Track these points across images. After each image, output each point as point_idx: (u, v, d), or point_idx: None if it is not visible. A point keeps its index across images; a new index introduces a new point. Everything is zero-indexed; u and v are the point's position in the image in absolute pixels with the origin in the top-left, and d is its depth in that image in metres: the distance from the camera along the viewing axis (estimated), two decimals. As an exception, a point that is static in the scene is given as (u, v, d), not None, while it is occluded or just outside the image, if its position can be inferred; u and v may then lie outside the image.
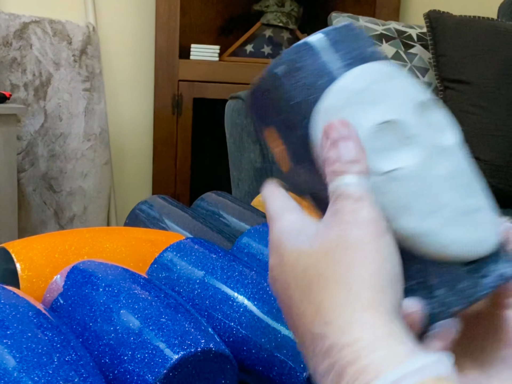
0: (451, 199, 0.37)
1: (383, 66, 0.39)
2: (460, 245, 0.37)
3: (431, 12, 1.72)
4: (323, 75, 0.39)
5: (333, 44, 0.39)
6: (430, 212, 0.37)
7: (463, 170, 0.39)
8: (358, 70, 0.38)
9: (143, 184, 2.43)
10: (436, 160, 0.38)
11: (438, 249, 0.37)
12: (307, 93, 0.39)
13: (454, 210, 0.37)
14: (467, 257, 0.37)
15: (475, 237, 0.37)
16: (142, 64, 2.36)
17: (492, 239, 0.38)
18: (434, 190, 0.37)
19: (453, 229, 0.37)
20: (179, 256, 0.61)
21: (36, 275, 0.60)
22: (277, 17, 2.36)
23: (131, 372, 0.46)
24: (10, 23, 2.03)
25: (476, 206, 0.38)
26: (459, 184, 0.38)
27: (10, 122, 1.72)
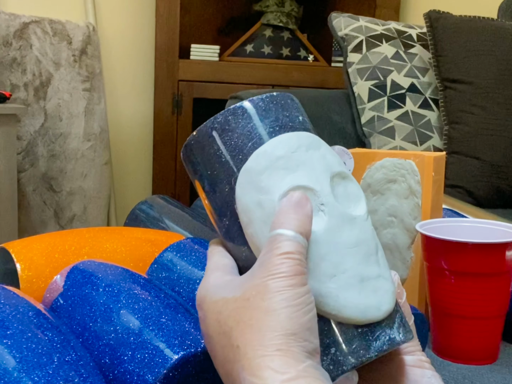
0: (352, 266, 0.40)
1: (306, 136, 0.43)
2: (356, 309, 0.40)
3: (431, 12, 1.72)
4: (251, 139, 0.42)
5: (265, 110, 0.43)
6: (331, 276, 0.40)
7: (366, 240, 0.42)
8: (282, 137, 0.42)
9: (143, 184, 2.43)
10: (343, 228, 0.41)
11: (334, 310, 0.39)
12: (236, 153, 0.42)
13: (354, 276, 0.40)
14: (362, 320, 0.40)
15: (371, 302, 0.40)
16: (142, 64, 2.36)
17: (388, 305, 0.41)
18: (337, 256, 0.40)
19: (350, 293, 0.40)
20: (179, 256, 0.61)
21: (36, 275, 0.60)
22: (277, 17, 2.36)
23: (131, 372, 0.46)
24: (10, 23, 2.03)
25: (375, 274, 0.41)
26: (361, 253, 0.41)
27: (10, 122, 1.72)
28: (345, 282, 0.40)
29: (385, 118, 1.69)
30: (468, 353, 0.65)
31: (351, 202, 0.43)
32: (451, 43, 1.67)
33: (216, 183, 0.43)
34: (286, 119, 0.43)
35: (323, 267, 0.40)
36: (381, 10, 2.32)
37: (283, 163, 0.41)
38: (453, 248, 0.63)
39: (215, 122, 0.43)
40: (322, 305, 0.39)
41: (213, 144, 0.42)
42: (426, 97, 1.72)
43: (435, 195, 0.72)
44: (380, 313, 0.40)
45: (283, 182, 0.40)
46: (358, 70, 1.74)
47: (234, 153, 0.42)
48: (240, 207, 0.41)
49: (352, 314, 0.39)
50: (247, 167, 0.41)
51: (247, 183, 0.41)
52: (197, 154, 0.44)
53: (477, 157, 1.61)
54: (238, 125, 0.42)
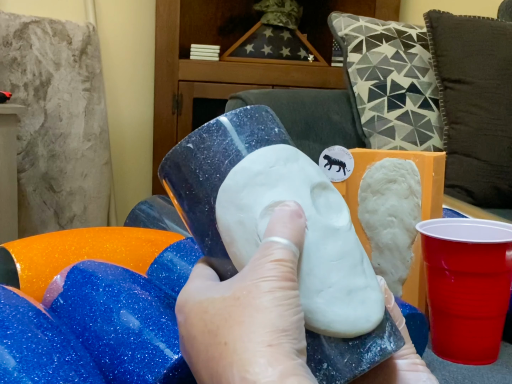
0: (338, 279, 0.40)
1: (283, 149, 0.42)
2: (345, 322, 0.39)
3: (431, 12, 1.72)
4: (228, 156, 0.41)
5: (240, 126, 0.42)
6: (317, 291, 0.39)
7: (351, 251, 0.41)
8: (259, 152, 0.41)
9: (143, 184, 2.43)
10: (327, 241, 0.40)
11: (324, 326, 0.39)
12: (213, 171, 0.41)
13: (340, 290, 0.40)
14: (352, 333, 0.40)
15: (360, 315, 0.40)
16: (142, 64, 2.36)
17: (377, 316, 0.40)
18: (323, 270, 0.40)
19: (338, 307, 0.39)
20: (179, 256, 0.61)
21: (36, 275, 0.60)
22: (277, 17, 2.36)
23: (131, 372, 0.46)
24: (10, 23, 2.03)
25: (362, 285, 0.41)
26: (346, 265, 0.41)
27: (10, 122, 1.72)
28: (333, 296, 0.39)
29: (385, 118, 1.69)
30: (468, 353, 0.65)
31: (333, 213, 0.42)
32: (451, 43, 1.67)
33: (195, 203, 0.42)
34: (261, 132, 0.42)
35: (309, 283, 0.39)
36: (381, 10, 2.32)
37: (262, 178, 0.40)
38: (453, 248, 0.63)
39: (190, 141, 0.42)
40: (311, 321, 0.39)
41: (189, 164, 0.42)
42: (426, 97, 1.72)
43: (435, 195, 0.72)
44: (370, 324, 0.40)
45: (263, 198, 0.40)
46: (358, 70, 1.74)
47: (211, 171, 0.41)
48: (221, 227, 0.41)
49: (342, 328, 0.39)
50: (225, 186, 0.40)
51: (226, 202, 0.40)
52: (173, 174, 0.43)
53: (477, 157, 1.61)
54: (213, 143, 0.41)
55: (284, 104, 1.68)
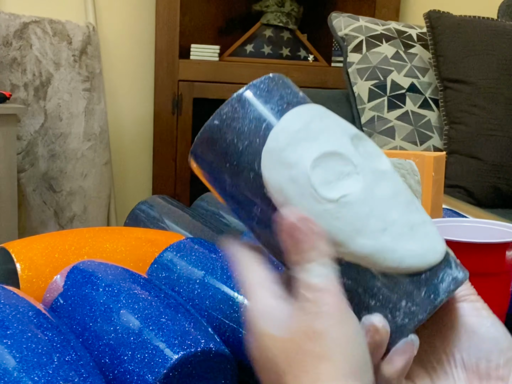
0: (398, 216, 0.41)
1: (315, 107, 0.43)
2: (415, 256, 0.40)
3: (431, 12, 1.72)
4: (264, 120, 0.42)
5: (269, 91, 0.43)
6: (382, 230, 0.40)
7: (401, 190, 0.42)
8: (293, 112, 0.42)
9: (143, 184, 2.43)
10: (378, 183, 0.41)
11: (395, 263, 0.40)
12: (252, 138, 0.42)
13: (403, 225, 0.40)
14: (423, 266, 0.40)
15: (426, 247, 0.41)
16: (142, 64, 2.36)
17: (442, 247, 0.42)
18: (381, 210, 0.40)
19: (405, 242, 0.40)
20: (179, 256, 0.61)
21: (36, 275, 0.60)
22: (277, 17, 2.36)
23: (131, 372, 0.46)
24: (10, 23, 2.03)
25: (420, 220, 0.42)
26: (401, 202, 0.41)
27: (10, 122, 1.72)
28: (397, 232, 0.40)
29: (385, 118, 1.69)
30: (468, 353, 0.65)
31: (375, 158, 0.43)
32: (451, 43, 1.67)
33: (238, 174, 0.42)
34: (290, 95, 0.43)
35: (372, 224, 0.40)
36: (381, 10, 2.32)
37: (303, 135, 0.41)
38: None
39: (222, 113, 0.42)
40: (381, 261, 0.39)
41: (226, 136, 0.42)
42: (426, 97, 1.72)
43: (435, 195, 0.72)
44: (438, 255, 0.41)
45: (309, 151, 0.40)
46: (358, 70, 1.74)
47: (250, 138, 0.42)
48: (271, 189, 0.41)
49: (414, 262, 0.40)
50: (268, 148, 0.41)
51: (272, 163, 0.41)
52: (210, 152, 0.43)
53: (477, 157, 1.61)
54: (246, 111, 0.42)
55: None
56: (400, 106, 1.70)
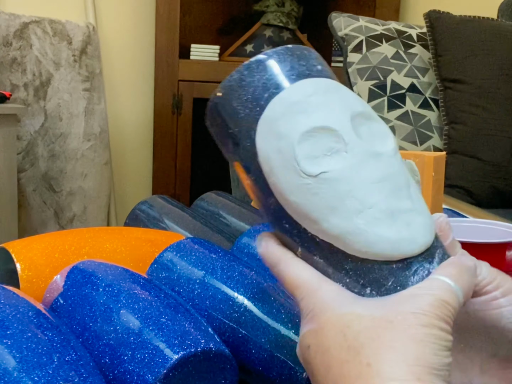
0: (379, 200, 0.39)
1: (324, 81, 0.42)
2: (387, 243, 0.38)
3: (431, 12, 1.72)
4: (267, 89, 0.42)
5: (280, 61, 0.43)
6: (358, 212, 0.39)
7: (394, 174, 0.41)
8: (298, 84, 0.42)
9: (143, 184, 2.43)
10: (366, 164, 0.40)
11: (365, 247, 0.38)
12: (253, 106, 0.42)
13: (382, 211, 0.39)
14: (395, 254, 0.39)
15: (402, 236, 0.39)
16: (142, 64, 2.36)
17: (424, 239, 0.39)
18: (362, 191, 0.39)
19: (380, 228, 0.39)
20: (179, 256, 0.61)
21: (36, 275, 0.60)
22: (277, 17, 2.36)
23: (131, 372, 0.46)
24: (10, 23, 2.03)
25: (407, 207, 0.40)
26: (389, 187, 0.40)
27: (10, 122, 1.72)
28: (373, 217, 0.39)
29: (385, 118, 1.69)
30: (468, 353, 0.65)
31: (376, 140, 0.42)
32: (451, 43, 1.67)
33: (239, 140, 0.42)
34: (302, 67, 0.43)
35: (349, 204, 0.39)
36: (381, 10, 2.33)
37: (299, 107, 0.41)
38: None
39: (231, 79, 0.43)
40: (352, 243, 0.39)
41: (231, 102, 0.43)
42: (426, 97, 1.72)
43: (435, 195, 0.72)
44: (415, 246, 0.39)
45: (299, 124, 0.40)
46: (358, 70, 1.74)
47: (251, 106, 0.42)
48: (261, 158, 0.41)
49: (384, 249, 0.38)
50: (264, 116, 0.41)
51: (265, 132, 0.41)
52: (218, 116, 0.44)
53: (477, 157, 1.61)
54: (253, 79, 0.42)
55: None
56: (400, 106, 1.70)
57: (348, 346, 0.36)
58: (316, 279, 0.40)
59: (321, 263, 0.40)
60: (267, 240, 0.43)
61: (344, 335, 0.36)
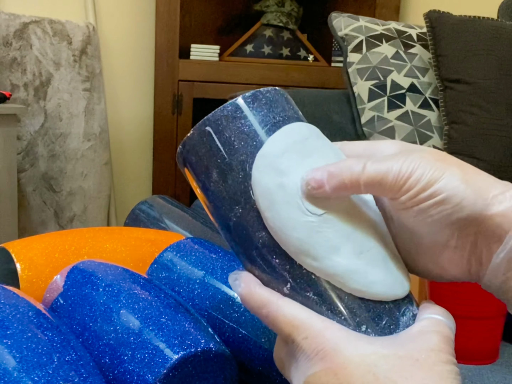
0: (375, 244, 0.41)
1: (312, 127, 0.45)
2: (384, 285, 0.41)
3: (431, 12, 1.72)
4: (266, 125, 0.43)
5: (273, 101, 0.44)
6: (358, 253, 0.41)
7: (379, 220, 0.43)
8: (294, 125, 0.43)
9: (143, 184, 2.43)
10: (360, 209, 0.42)
11: (364, 287, 0.40)
12: (250, 139, 0.42)
13: (378, 254, 0.41)
14: (388, 296, 0.41)
15: (396, 279, 0.41)
16: (142, 64, 2.36)
17: (408, 282, 0.43)
18: (362, 234, 0.41)
19: (377, 270, 0.41)
20: (179, 256, 0.61)
21: (36, 275, 0.60)
22: (277, 17, 2.36)
23: (131, 372, 0.46)
24: (10, 23, 2.03)
25: (392, 254, 0.42)
26: (379, 233, 0.42)
27: (10, 122, 1.72)
28: (372, 259, 0.41)
29: (385, 118, 1.69)
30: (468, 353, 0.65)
31: None
32: (451, 43, 1.67)
33: (228, 171, 0.43)
34: (291, 110, 0.45)
35: (350, 245, 0.40)
36: (381, 10, 2.32)
37: (299, 147, 0.42)
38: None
39: (227, 110, 0.43)
40: (351, 282, 0.40)
41: (225, 132, 0.43)
42: (426, 97, 1.72)
43: (435, 195, 0.72)
44: (404, 289, 0.42)
45: (302, 165, 0.41)
46: (358, 70, 1.74)
47: (247, 139, 0.42)
48: (258, 191, 0.41)
49: (381, 290, 0.40)
50: (263, 152, 0.42)
51: (265, 167, 0.42)
52: (203, 147, 0.44)
53: (477, 157, 1.61)
54: (251, 112, 0.43)
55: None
56: (400, 106, 1.70)
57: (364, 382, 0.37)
58: (317, 318, 0.40)
59: (314, 300, 0.41)
60: (247, 280, 0.42)
61: (373, 374, 0.37)
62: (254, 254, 0.42)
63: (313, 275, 0.41)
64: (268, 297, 0.41)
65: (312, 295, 0.41)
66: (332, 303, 0.40)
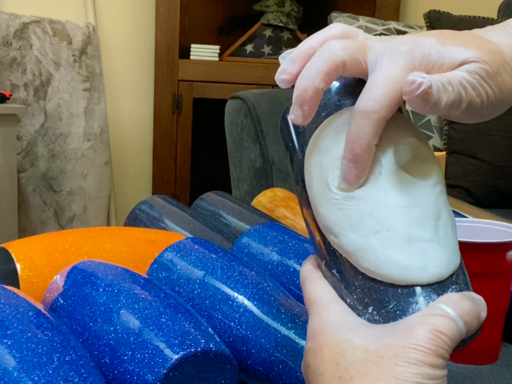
0: (398, 225, 0.40)
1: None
2: (395, 266, 0.39)
3: (431, 12, 1.72)
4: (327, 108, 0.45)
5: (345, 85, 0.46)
6: (375, 232, 0.40)
7: (424, 204, 0.41)
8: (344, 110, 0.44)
9: (143, 184, 2.43)
10: (398, 188, 0.41)
11: (374, 266, 0.39)
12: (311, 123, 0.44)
13: (399, 235, 0.39)
14: (402, 279, 0.39)
15: (415, 263, 0.39)
16: (142, 64, 2.36)
17: (436, 269, 0.39)
18: (384, 213, 0.40)
19: (392, 251, 0.39)
20: (179, 256, 0.61)
21: (36, 275, 0.60)
22: (277, 17, 2.36)
23: (131, 372, 0.46)
24: (10, 23, 2.03)
25: (427, 237, 0.40)
26: (413, 214, 0.40)
27: (10, 122, 1.72)
28: (389, 239, 0.39)
29: (385, 118, 1.69)
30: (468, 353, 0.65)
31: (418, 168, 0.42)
32: (451, 43, 1.66)
33: (293, 152, 0.46)
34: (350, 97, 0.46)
35: (368, 223, 0.40)
36: (381, 10, 2.33)
37: (343, 129, 0.42)
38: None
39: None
40: (362, 261, 0.39)
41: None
42: (426, 97, 1.72)
43: (435, 195, 0.72)
44: (424, 275, 0.38)
45: (340, 144, 0.42)
46: (358, 70, 1.73)
47: (311, 123, 0.44)
48: (305, 170, 0.44)
49: (391, 272, 0.39)
50: (315, 134, 0.44)
51: (312, 147, 0.43)
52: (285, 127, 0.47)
53: (477, 157, 1.61)
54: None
55: (284, 104, 1.68)
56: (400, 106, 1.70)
57: (339, 376, 0.36)
58: (328, 297, 0.41)
59: (337, 277, 0.41)
60: (307, 260, 0.45)
61: (337, 364, 0.37)
62: (308, 231, 0.45)
63: (337, 252, 0.41)
64: (308, 274, 0.43)
65: (336, 272, 0.41)
66: (348, 281, 0.40)
